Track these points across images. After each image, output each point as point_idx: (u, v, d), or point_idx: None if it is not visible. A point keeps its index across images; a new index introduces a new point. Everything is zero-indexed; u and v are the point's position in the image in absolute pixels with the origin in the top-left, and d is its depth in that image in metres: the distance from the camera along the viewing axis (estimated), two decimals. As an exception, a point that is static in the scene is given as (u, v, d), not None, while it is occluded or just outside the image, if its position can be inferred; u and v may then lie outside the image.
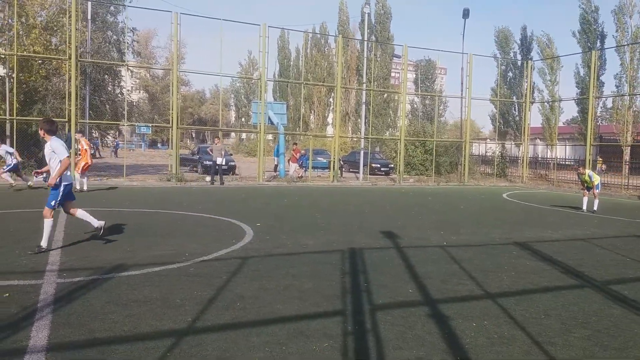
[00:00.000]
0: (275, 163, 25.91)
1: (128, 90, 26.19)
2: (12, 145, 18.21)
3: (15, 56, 18.04)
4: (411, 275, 6.34)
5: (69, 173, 7.30)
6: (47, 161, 7.12)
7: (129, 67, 24.67)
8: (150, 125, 27.84)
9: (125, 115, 20.97)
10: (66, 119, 18.51)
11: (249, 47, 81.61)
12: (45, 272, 5.86)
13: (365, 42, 31.19)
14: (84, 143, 15.41)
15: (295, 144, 25.31)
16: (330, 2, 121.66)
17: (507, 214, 13.98)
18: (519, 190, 22.80)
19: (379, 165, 29.68)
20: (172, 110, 20.37)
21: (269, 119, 23.55)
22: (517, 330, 4.54)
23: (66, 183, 7.14)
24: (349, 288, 5.69)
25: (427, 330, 4.45)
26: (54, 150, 6.90)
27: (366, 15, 27.92)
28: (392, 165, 29.75)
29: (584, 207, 14.69)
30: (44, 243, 6.89)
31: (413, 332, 4.40)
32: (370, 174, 26.58)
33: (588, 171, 15.20)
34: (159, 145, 73.56)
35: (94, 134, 27.23)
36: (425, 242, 8.76)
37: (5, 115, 18.07)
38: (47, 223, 6.90)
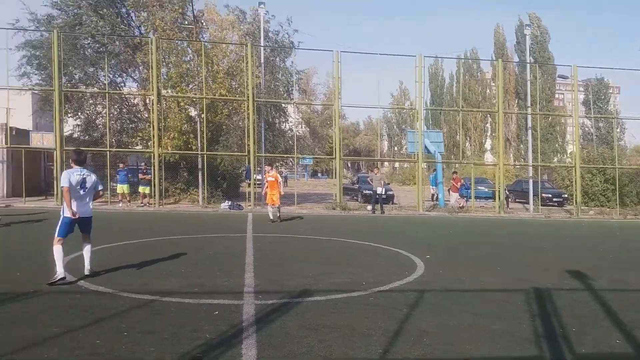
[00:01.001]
0: (433, 192, 25.46)
1: (295, 126, 28.26)
2: (203, 177, 20.77)
3: (204, 99, 20.75)
4: (614, 323, 5.64)
5: (70, 206, 6.90)
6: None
7: (296, 104, 26.60)
8: (313, 157, 29.53)
9: (295, 148, 22.62)
10: (246, 153, 20.68)
11: (400, 77, 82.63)
12: (244, 294, 6.49)
13: (528, 65, 29.43)
14: (277, 175, 16.02)
15: (455, 172, 24.61)
16: (480, 27, 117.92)
17: None
18: None
19: (550, 195, 27.23)
20: (335, 142, 21.44)
21: (426, 147, 23.35)
22: None
23: (66, 215, 6.91)
24: (542, 332, 5.27)
25: (649, 390, 3.90)
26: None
27: (527, 37, 26.54)
28: (566, 195, 27.12)
29: None
30: (57, 269, 6.75)
31: (632, 389, 3.90)
32: (540, 205, 24.55)
33: None
34: (319, 175, 77.56)
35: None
36: (623, 284, 7.75)
37: (198, 151, 20.81)
38: (54, 250, 6.80)
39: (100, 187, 7.41)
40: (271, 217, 15.61)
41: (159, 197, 19.97)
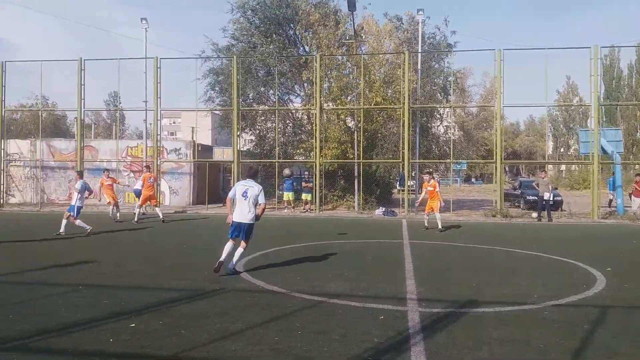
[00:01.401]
0: (611, 197, 22.66)
1: (450, 130, 27.51)
2: (359, 184, 21.35)
3: (362, 109, 21.34)
4: None
5: (229, 212, 8.33)
6: None
7: (453, 107, 25.90)
8: (469, 161, 28.34)
9: (451, 153, 22.02)
10: (400, 160, 20.77)
11: (566, 71, 75.26)
12: (407, 300, 6.52)
13: None
14: (436, 183, 15.73)
15: (639, 174, 21.58)
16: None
17: None
18: None
19: None
20: (496, 145, 20.35)
21: (602, 148, 20.90)
22: None
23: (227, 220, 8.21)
24: None
25: None
26: None
27: None
28: None
29: None
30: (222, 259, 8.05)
31: None
32: None
33: None
34: (472, 180, 74.32)
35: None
36: None
37: (354, 159, 21.48)
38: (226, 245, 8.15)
39: (261, 201, 8.11)
40: (426, 225, 15.35)
41: (319, 204, 21.05)
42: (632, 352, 4.66)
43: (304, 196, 21.78)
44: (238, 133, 22.17)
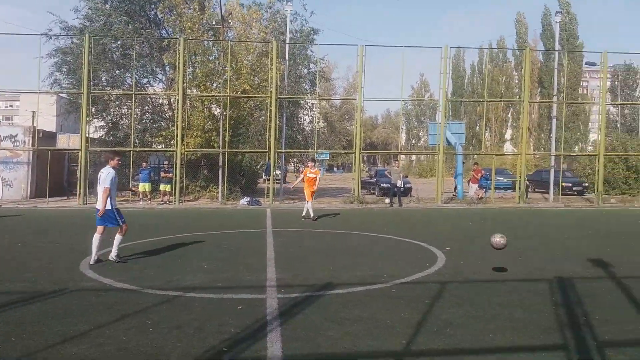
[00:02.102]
0: (455, 184, 25.31)
1: (315, 121, 28.31)
2: (223, 174, 20.87)
3: (228, 97, 20.83)
4: (637, 310, 5.60)
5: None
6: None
7: (318, 99, 26.62)
8: (331, 151, 29.55)
9: (316, 142, 22.62)
10: (266, 149, 20.75)
11: (418, 68, 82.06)
12: (266, 288, 6.57)
13: (557, 53, 28.70)
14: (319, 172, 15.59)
15: (476, 164, 24.37)
16: (506, 17, 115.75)
17: None
18: None
19: (570, 185, 26.91)
20: (356, 137, 21.40)
21: (447, 139, 23.20)
22: None
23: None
24: (565, 321, 5.24)
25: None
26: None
27: (557, 24, 25.99)
28: (586, 184, 26.74)
29: None
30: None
31: (659, 377, 3.86)
32: (560, 194, 24.23)
33: None
34: (334, 169, 77.63)
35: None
36: (649, 272, 7.64)
37: (219, 148, 20.89)
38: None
39: (101, 185, 8.04)
40: (312, 214, 14.80)
41: (179, 195, 20.18)
42: (464, 322, 5.20)
43: (162, 187, 20.65)
44: (88, 119, 20.29)
